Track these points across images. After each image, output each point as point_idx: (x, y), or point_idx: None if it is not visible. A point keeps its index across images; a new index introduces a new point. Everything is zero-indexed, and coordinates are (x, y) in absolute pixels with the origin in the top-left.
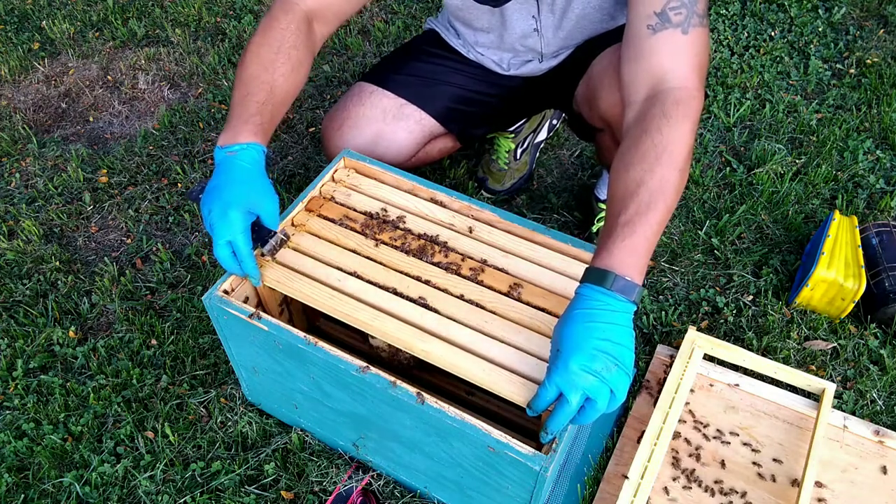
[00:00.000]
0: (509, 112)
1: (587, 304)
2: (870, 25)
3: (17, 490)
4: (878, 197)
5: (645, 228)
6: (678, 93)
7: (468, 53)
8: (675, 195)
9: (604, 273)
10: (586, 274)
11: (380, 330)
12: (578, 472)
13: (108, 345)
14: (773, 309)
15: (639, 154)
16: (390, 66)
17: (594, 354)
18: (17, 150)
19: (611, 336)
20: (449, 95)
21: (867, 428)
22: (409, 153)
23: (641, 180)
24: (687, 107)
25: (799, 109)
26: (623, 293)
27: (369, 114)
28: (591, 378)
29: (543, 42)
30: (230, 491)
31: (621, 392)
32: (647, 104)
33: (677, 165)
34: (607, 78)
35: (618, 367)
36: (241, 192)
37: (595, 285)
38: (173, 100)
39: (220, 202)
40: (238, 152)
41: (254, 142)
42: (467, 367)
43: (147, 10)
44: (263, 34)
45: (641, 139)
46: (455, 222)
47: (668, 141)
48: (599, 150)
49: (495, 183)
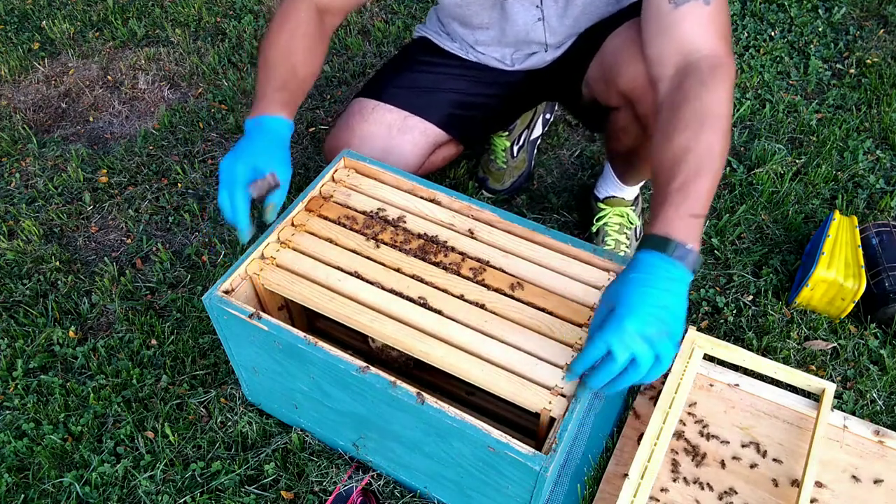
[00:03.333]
0: (511, 109)
1: (647, 269)
2: (870, 25)
3: (17, 490)
4: (878, 197)
5: (699, 194)
6: (710, 60)
7: (467, 55)
8: (722, 160)
9: (664, 240)
10: (644, 240)
11: (379, 332)
12: (578, 472)
13: (108, 345)
14: (773, 309)
15: (682, 123)
16: (387, 80)
17: (648, 320)
18: (17, 150)
19: (666, 304)
20: (450, 102)
21: (867, 428)
22: (415, 165)
23: (688, 147)
24: (722, 72)
25: (799, 109)
26: (682, 260)
27: (374, 130)
28: (642, 342)
29: (549, 31)
30: (230, 491)
31: (666, 360)
32: (681, 76)
33: (721, 130)
34: (626, 51)
35: (668, 336)
36: (253, 152)
37: (655, 251)
38: (173, 100)
39: (231, 158)
40: (263, 122)
41: (279, 114)
42: (467, 368)
43: (147, 10)
44: (280, 21)
45: (682, 108)
46: (455, 222)
47: (708, 107)
48: (612, 134)
49: (496, 182)
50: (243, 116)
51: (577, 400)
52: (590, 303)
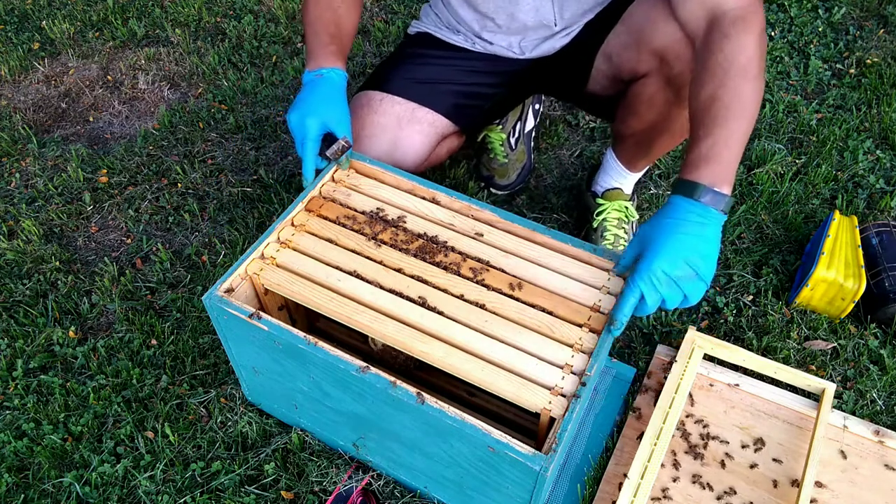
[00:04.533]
0: (515, 98)
1: (676, 213)
2: (870, 25)
3: (17, 490)
4: (878, 197)
5: (727, 138)
6: (734, 12)
7: (473, 46)
8: (752, 103)
9: (693, 185)
10: (676, 185)
11: (379, 332)
12: (578, 472)
13: (108, 345)
14: (773, 309)
15: (708, 73)
16: (392, 72)
17: (677, 262)
18: (17, 150)
19: (696, 246)
20: (455, 92)
21: (867, 428)
22: (423, 156)
23: (714, 95)
24: (745, 22)
25: (799, 109)
26: (712, 204)
27: (383, 121)
28: (670, 283)
29: (557, 9)
30: (230, 491)
31: (695, 297)
32: (708, 31)
33: (747, 75)
34: (658, 11)
35: (697, 277)
36: (322, 106)
37: (685, 196)
38: (173, 100)
39: (301, 111)
40: (324, 75)
41: (336, 67)
42: (467, 368)
43: (147, 10)
44: None
45: (708, 60)
46: (455, 222)
47: (731, 56)
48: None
49: (501, 178)
50: (243, 116)
51: (577, 400)
52: (590, 303)
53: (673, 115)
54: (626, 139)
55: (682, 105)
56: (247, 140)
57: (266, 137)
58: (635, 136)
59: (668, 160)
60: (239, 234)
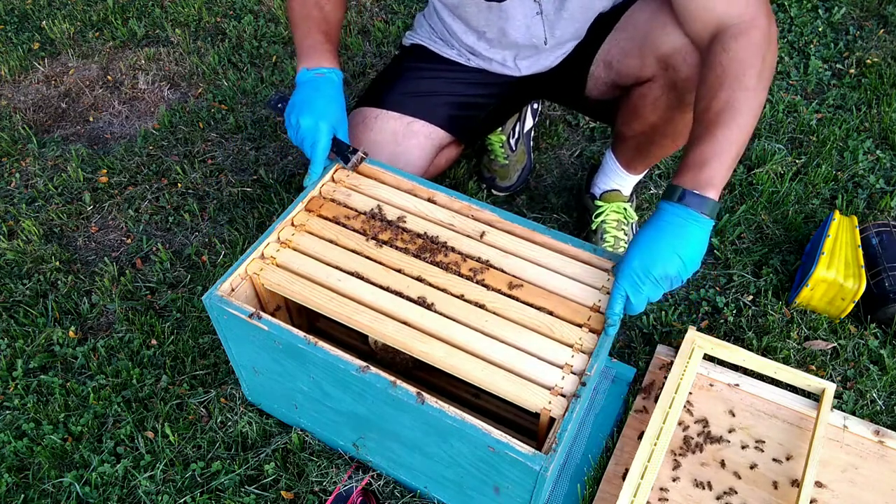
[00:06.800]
0: (512, 107)
1: (658, 215)
2: (870, 25)
3: (17, 490)
4: (878, 197)
5: (714, 146)
6: (736, 28)
7: (468, 62)
8: (747, 112)
9: (675, 188)
10: (663, 191)
11: (379, 332)
12: (578, 472)
13: (108, 345)
14: (773, 309)
15: (705, 87)
16: (387, 87)
17: (655, 262)
18: (17, 150)
19: (673, 246)
20: (451, 104)
21: (867, 428)
22: (422, 168)
23: (707, 107)
24: (746, 35)
25: (799, 109)
26: (693, 207)
27: (380, 139)
28: (652, 282)
29: (548, 26)
30: (230, 491)
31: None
32: (709, 46)
33: (741, 85)
34: (661, 17)
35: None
36: (331, 109)
37: (667, 200)
38: (173, 100)
39: (313, 114)
40: (325, 74)
41: (336, 68)
42: (467, 368)
43: (147, 10)
44: None
45: (707, 76)
46: (455, 222)
47: (728, 69)
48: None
49: (503, 179)
50: (243, 116)
51: (577, 400)
52: (589, 303)
53: (675, 118)
54: (628, 140)
55: (685, 109)
56: (247, 140)
57: (266, 137)
58: (637, 137)
59: (669, 161)
60: (239, 234)
